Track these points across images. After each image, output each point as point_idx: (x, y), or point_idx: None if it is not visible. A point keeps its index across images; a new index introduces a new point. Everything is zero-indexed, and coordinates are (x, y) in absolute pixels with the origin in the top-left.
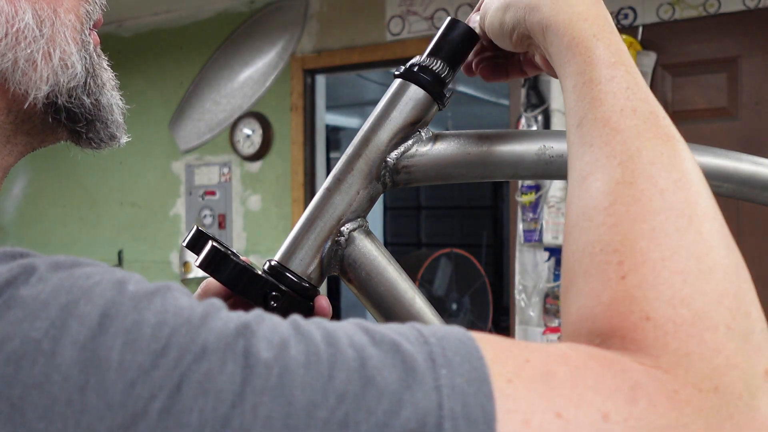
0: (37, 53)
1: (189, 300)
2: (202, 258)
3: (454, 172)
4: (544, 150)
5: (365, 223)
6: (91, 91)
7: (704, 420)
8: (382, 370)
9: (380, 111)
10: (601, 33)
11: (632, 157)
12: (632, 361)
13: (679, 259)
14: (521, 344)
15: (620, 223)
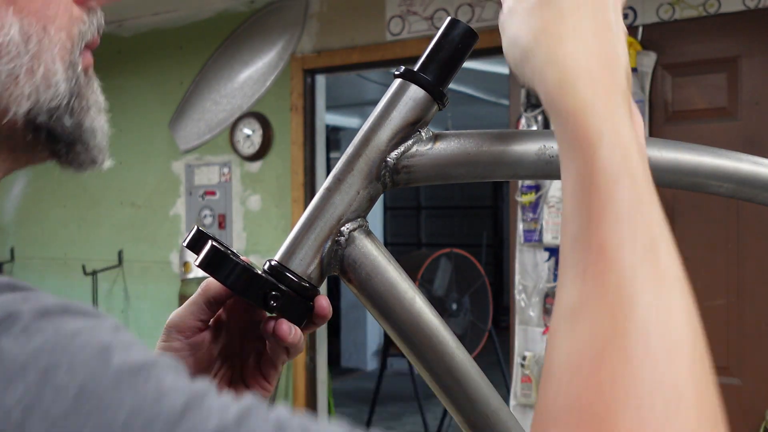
0: (20, 69)
1: (174, 380)
2: (202, 258)
3: (454, 172)
4: (544, 150)
5: (365, 223)
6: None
7: None
8: None
9: (380, 111)
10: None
11: (625, 307)
12: None
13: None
14: None
15: (602, 383)
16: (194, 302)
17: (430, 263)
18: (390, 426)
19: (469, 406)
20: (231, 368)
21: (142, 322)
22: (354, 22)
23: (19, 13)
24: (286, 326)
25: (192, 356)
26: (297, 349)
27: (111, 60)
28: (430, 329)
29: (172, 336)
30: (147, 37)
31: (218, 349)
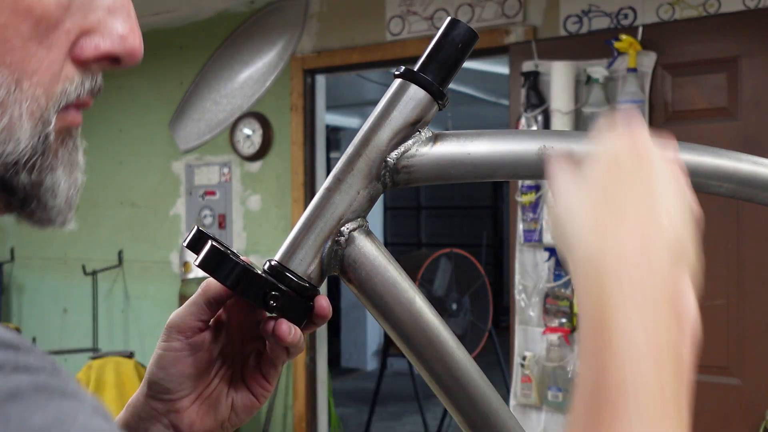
0: None
1: None
2: (202, 258)
3: (454, 172)
4: (544, 150)
5: (365, 223)
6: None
7: None
8: None
9: (380, 111)
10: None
11: None
12: None
13: None
14: None
15: None
16: (194, 302)
17: (430, 263)
18: (390, 426)
19: (470, 407)
20: (231, 368)
21: (142, 322)
22: (354, 22)
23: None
24: (285, 326)
25: (192, 356)
26: (297, 349)
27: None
28: (430, 329)
29: (173, 336)
30: (147, 37)
31: (218, 349)
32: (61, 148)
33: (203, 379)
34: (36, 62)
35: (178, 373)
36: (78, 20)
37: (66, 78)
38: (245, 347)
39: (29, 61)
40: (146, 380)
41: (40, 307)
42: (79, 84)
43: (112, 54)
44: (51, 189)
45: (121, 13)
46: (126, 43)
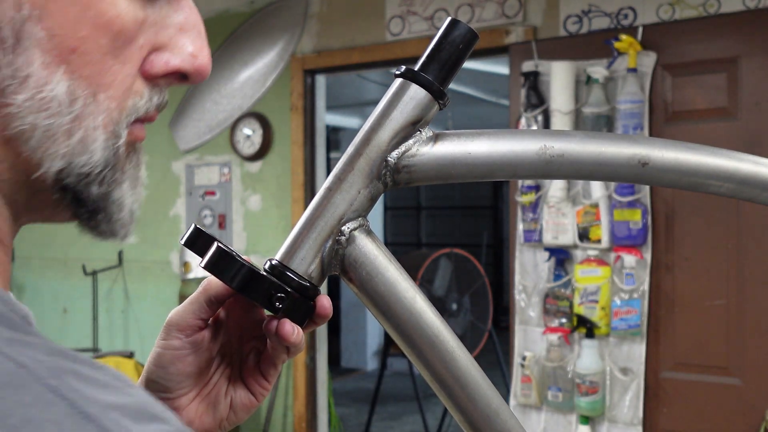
0: (59, 128)
1: None
2: (207, 259)
3: (454, 172)
4: (544, 150)
5: (366, 223)
6: (104, 182)
7: None
8: None
9: (381, 110)
10: None
11: None
12: None
13: None
14: None
15: None
16: (195, 301)
17: (430, 263)
18: (390, 426)
19: (470, 406)
20: (230, 366)
21: (142, 322)
22: (354, 22)
23: (70, 74)
24: (289, 326)
25: (191, 355)
26: (298, 349)
27: None
28: (430, 329)
29: (172, 334)
30: None
31: (217, 347)
32: (128, 162)
33: (202, 377)
34: (111, 76)
35: (177, 371)
36: (150, 37)
37: (136, 93)
38: (244, 346)
39: (105, 75)
40: (144, 379)
41: (40, 307)
42: (147, 99)
43: (182, 71)
44: (118, 202)
45: (192, 32)
46: (195, 61)
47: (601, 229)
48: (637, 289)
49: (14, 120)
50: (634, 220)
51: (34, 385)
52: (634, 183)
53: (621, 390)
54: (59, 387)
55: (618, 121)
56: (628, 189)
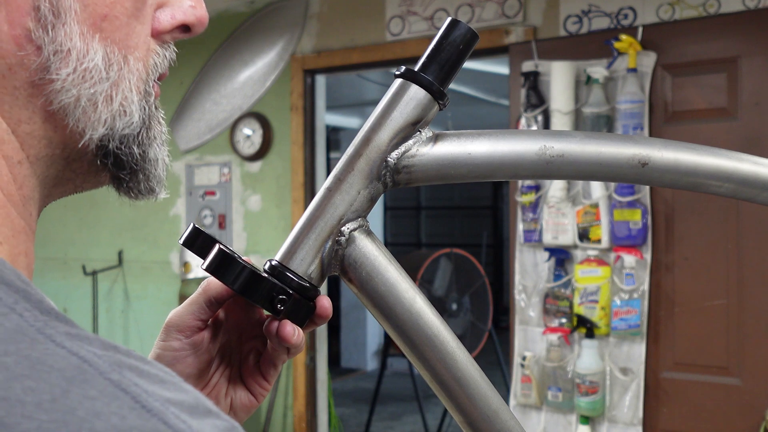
0: (100, 95)
1: None
2: (209, 261)
3: (454, 172)
4: (544, 150)
5: (366, 223)
6: (142, 141)
7: None
8: None
9: (381, 111)
10: None
11: None
12: None
13: None
14: None
15: None
16: (194, 301)
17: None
18: (390, 426)
19: (470, 406)
20: (229, 367)
21: (142, 322)
22: (354, 22)
23: (104, 41)
24: (290, 328)
25: (191, 355)
26: (298, 350)
27: None
28: (430, 329)
29: (172, 335)
30: None
31: (217, 348)
32: (154, 120)
33: (202, 378)
34: (136, 38)
35: (177, 372)
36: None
37: (153, 51)
38: (244, 346)
39: (132, 37)
40: None
41: None
42: (163, 56)
43: (186, 23)
44: (154, 159)
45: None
46: (196, 11)
47: (601, 229)
48: (637, 289)
49: (59, 95)
50: (634, 220)
51: (99, 379)
52: (634, 183)
53: (621, 390)
54: (121, 381)
55: (618, 121)
56: (628, 189)
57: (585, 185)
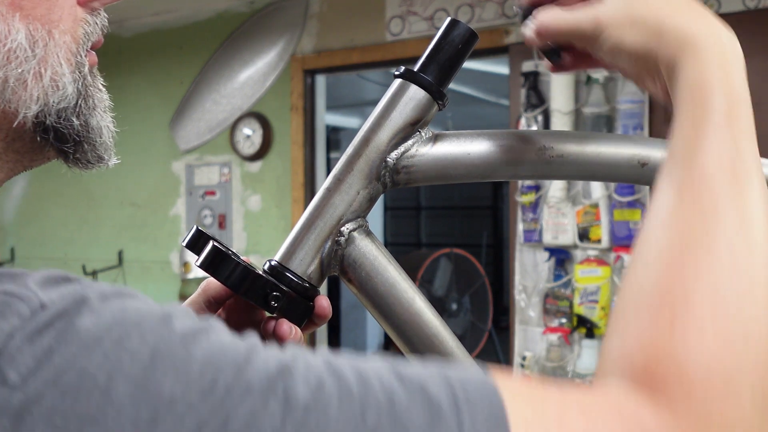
0: (28, 73)
1: (231, 337)
2: (203, 258)
3: (454, 173)
4: (544, 150)
5: (365, 223)
6: (81, 112)
7: None
8: (409, 411)
9: (380, 111)
10: (724, 80)
11: (716, 215)
12: (651, 412)
13: (729, 325)
14: (538, 389)
15: (686, 272)
16: (194, 302)
17: (430, 263)
18: None
19: None
20: None
21: None
22: (354, 23)
23: (25, 19)
24: (286, 326)
25: None
26: None
27: (111, 60)
28: (429, 329)
29: None
30: (147, 37)
31: None
32: (93, 89)
33: None
34: (59, 11)
35: None
36: None
37: (82, 21)
38: None
39: (54, 11)
40: None
41: None
42: (93, 24)
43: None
44: (97, 128)
45: None
46: None
47: (601, 229)
48: None
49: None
50: (634, 220)
51: None
52: (633, 183)
53: None
54: None
55: (618, 121)
56: (628, 189)
57: (585, 185)
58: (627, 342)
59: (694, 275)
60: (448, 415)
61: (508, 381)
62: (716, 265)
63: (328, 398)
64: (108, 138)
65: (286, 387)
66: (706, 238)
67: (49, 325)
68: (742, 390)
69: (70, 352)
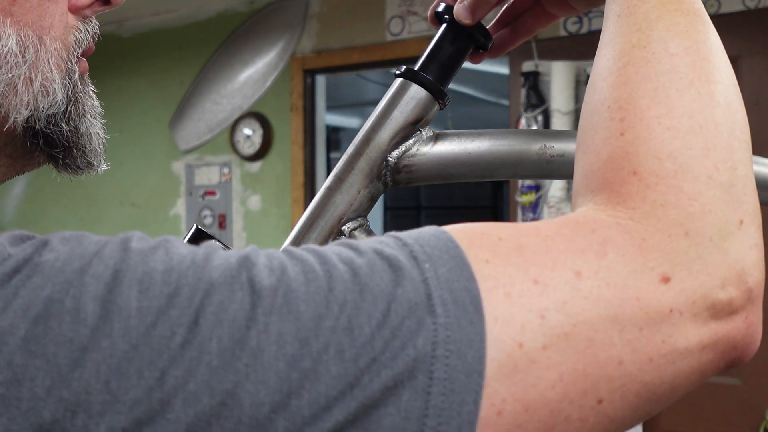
0: (18, 78)
1: (188, 247)
2: None
3: (454, 172)
4: (544, 149)
5: (366, 222)
6: (71, 118)
7: (671, 262)
8: (372, 275)
9: (381, 110)
10: None
11: (651, 25)
12: (608, 216)
13: (673, 117)
14: (492, 225)
15: (629, 83)
16: None
17: None
18: None
19: None
20: None
21: None
22: (354, 22)
23: (16, 25)
24: None
25: None
26: None
27: (111, 60)
28: None
29: None
30: (147, 37)
31: None
32: (84, 95)
33: None
34: (50, 17)
35: None
36: None
37: (73, 27)
38: None
39: (45, 18)
40: None
41: None
42: (84, 31)
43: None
44: (87, 134)
45: None
46: None
47: None
48: None
49: None
50: None
51: None
52: None
53: None
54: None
55: None
56: None
57: None
58: (586, 163)
59: (635, 81)
60: (410, 269)
61: (462, 227)
62: (653, 66)
63: (294, 279)
64: (98, 144)
65: (250, 276)
66: (642, 45)
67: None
68: (696, 173)
69: (35, 284)
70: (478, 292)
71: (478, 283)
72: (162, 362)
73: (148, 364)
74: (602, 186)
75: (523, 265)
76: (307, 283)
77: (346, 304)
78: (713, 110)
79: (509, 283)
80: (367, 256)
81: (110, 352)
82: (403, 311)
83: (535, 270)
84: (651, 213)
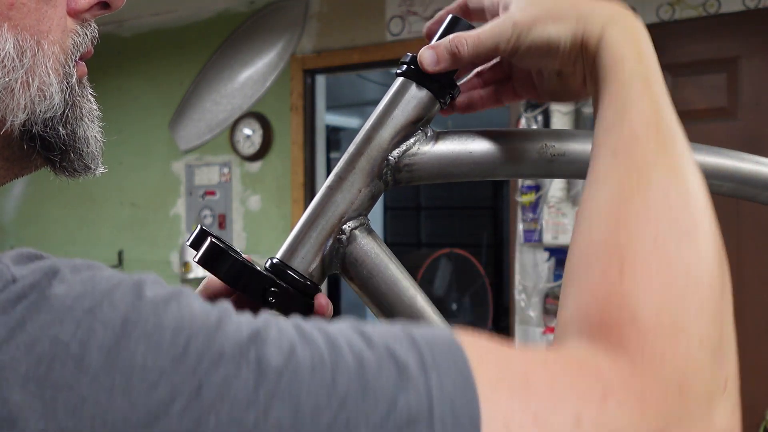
0: (16, 82)
1: (202, 304)
2: (201, 254)
3: (455, 171)
4: (545, 149)
5: (367, 221)
6: (68, 121)
7: (665, 419)
8: (378, 374)
9: (382, 109)
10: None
11: (649, 169)
12: (609, 361)
13: (673, 270)
14: (503, 349)
15: (629, 225)
16: None
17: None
18: None
19: None
20: None
21: None
22: (354, 22)
23: (13, 29)
24: None
25: None
26: None
27: (111, 60)
28: None
29: None
30: (147, 37)
31: None
32: (82, 99)
33: None
34: (48, 21)
35: None
36: None
37: (72, 31)
38: None
39: (43, 22)
40: None
41: None
42: (83, 35)
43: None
44: (84, 137)
45: None
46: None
47: None
48: None
49: None
50: None
51: None
52: None
53: None
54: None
55: None
56: None
57: None
58: (581, 298)
59: (635, 226)
60: (416, 376)
61: (473, 340)
62: (653, 214)
63: (300, 364)
64: (95, 148)
65: (258, 353)
66: (642, 189)
67: (21, 297)
68: (690, 332)
69: (43, 320)
70: (479, 417)
71: (480, 405)
72: (158, 428)
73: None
74: (600, 327)
75: (526, 398)
76: (312, 372)
77: (346, 400)
78: (709, 268)
79: (509, 414)
80: (377, 352)
81: (107, 408)
82: (401, 421)
83: (537, 406)
84: (649, 368)
